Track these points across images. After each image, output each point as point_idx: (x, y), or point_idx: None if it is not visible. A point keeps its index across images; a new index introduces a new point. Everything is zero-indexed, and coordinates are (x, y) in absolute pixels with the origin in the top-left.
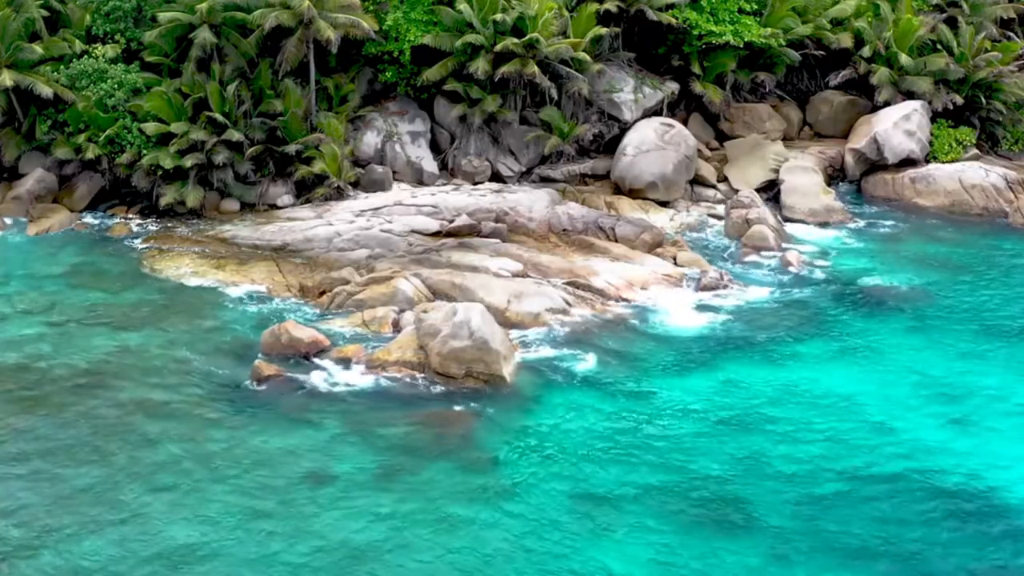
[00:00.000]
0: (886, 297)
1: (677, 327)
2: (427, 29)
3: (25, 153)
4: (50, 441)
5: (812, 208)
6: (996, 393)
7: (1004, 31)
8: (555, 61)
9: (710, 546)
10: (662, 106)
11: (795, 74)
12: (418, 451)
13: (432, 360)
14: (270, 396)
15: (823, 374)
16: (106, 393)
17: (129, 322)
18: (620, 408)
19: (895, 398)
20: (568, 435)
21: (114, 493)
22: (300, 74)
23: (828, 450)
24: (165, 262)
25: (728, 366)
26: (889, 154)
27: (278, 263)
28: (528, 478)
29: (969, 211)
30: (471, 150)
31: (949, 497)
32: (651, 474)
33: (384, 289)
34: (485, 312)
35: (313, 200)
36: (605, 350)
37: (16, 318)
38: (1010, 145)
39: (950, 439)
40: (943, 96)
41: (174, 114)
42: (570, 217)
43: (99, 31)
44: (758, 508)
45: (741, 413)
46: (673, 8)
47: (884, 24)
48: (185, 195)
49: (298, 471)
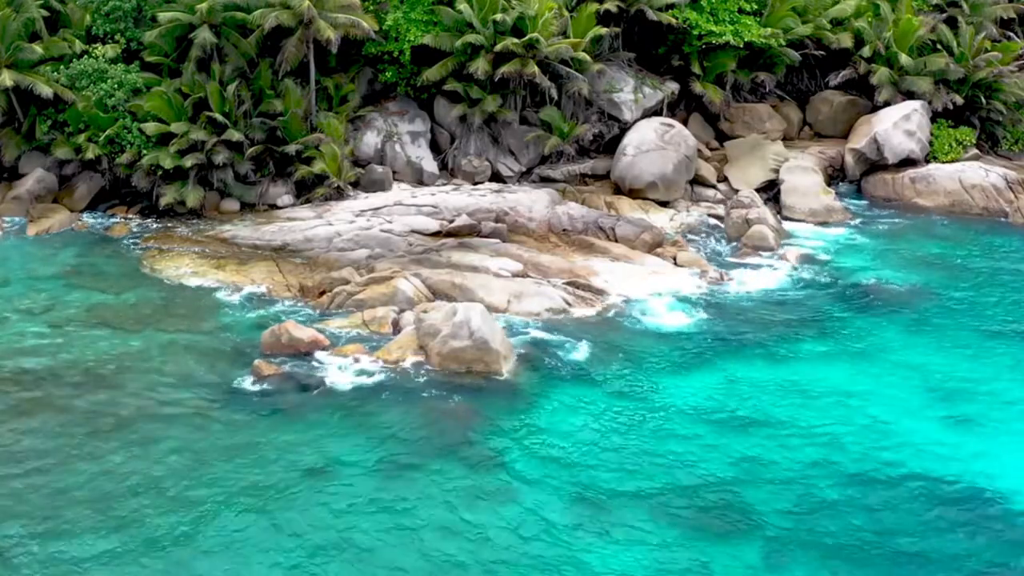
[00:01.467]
0: (886, 297)
1: (677, 327)
2: (427, 29)
3: (25, 153)
4: (50, 441)
5: (812, 208)
6: (997, 393)
7: (1004, 31)
8: (555, 61)
9: (709, 547)
10: (662, 106)
11: (795, 74)
12: (418, 451)
13: (432, 360)
14: (270, 396)
15: (823, 374)
16: (105, 393)
17: (129, 322)
18: (619, 408)
19: (894, 398)
20: (567, 435)
21: (113, 492)
22: (300, 74)
23: (827, 451)
24: (165, 262)
25: (728, 366)
26: (889, 154)
27: (278, 263)
28: (527, 478)
29: (969, 211)
30: (471, 150)
31: (949, 499)
32: (650, 474)
33: (384, 289)
34: (485, 312)
35: (313, 200)
36: (605, 350)
37: (16, 318)
38: (1010, 145)
39: (950, 440)
40: (943, 96)
41: (174, 114)
42: (570, 217)
43: (99, 31)
44: (757, 509)
45: (740, 413)
46: (673, 8)
47: (884, 24)
48: (185, 195)
49: (297, 471)
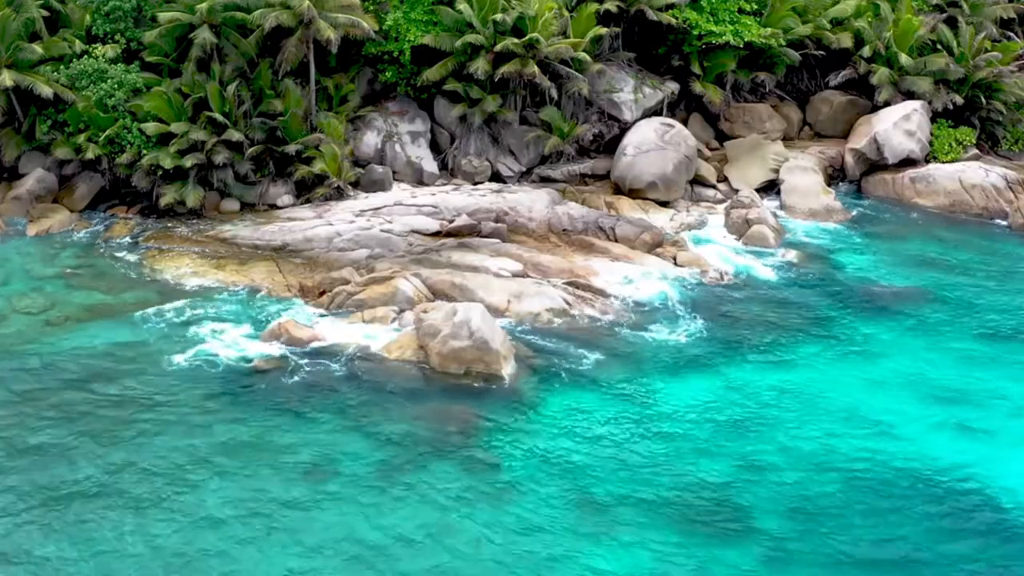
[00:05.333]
0: (886, 297)
1: (676, 327)
2: (427, 29)
3: (25, 153)
4: (49, 439)
5: (812, 208)
6: (996, 395)
7: (1004, 31)
8: (555, 61)
9: (708, 550)
10: (662, 106)
11: (795, 74)
12: (417, 451)
13: (432, 360)
14: (270, 396)
15: (821, 376)
16: (105, 392)
17: (128, 322)
18: (618, 409)
19: (895, 400)
20: (566, 435)
21: (112, 491)
22: (300, 74)
23: (826, 455)
24: (165, 262)
25: (727, 367)
26: (889, 154)
27: (278, 263)
28: (526, 479)
29: (969, 211)
30: (471, 150)
31: (948, 501)
32: (649, 476)
33: (384, 289)
34: (485, 312)
35: (313, 200)
36: (604, 350)
37: (16, 318)
38: (1010, 145)
39: (949, 442)
40: (943, 96)
41: (174, 114)
42: (570, 217)
43: (99, 31)
44: (756, 512)
45: (740, 415)
46: (673, 8)
47: (884, 24)
48: (185, 195)
49: (297, 471)
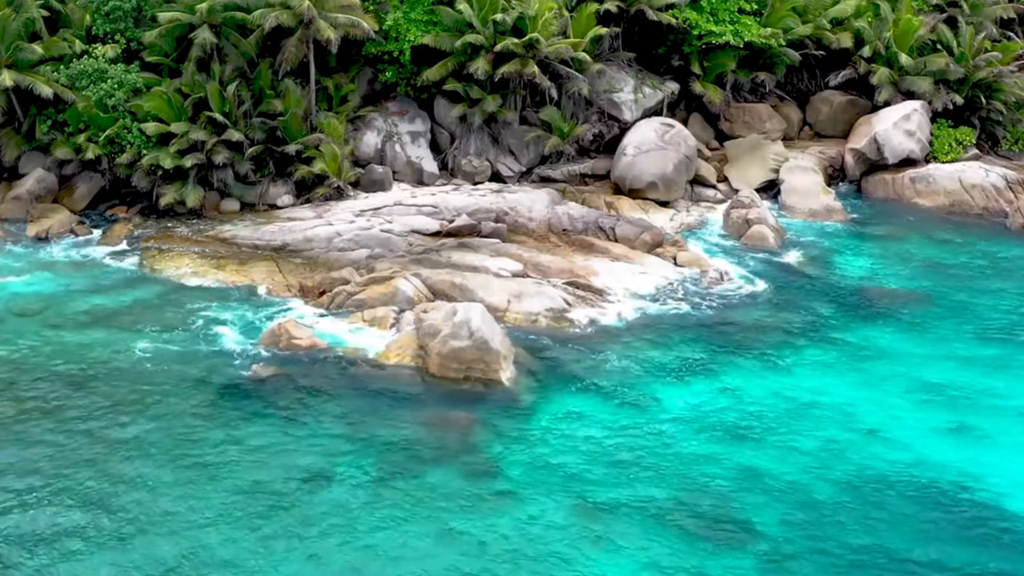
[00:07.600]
0: (885, 299)
1: (676, 327)
2: (427, 29)
3: (25, 153)
4: (47, 441)
5: (812, 208)
6: (995, 397)
7: (1004, 31)
8: (555, 61)
9: (707, 556)
10: (662, 106)
11: (795, 74)
12: (417, 453)
13: (432, 360)
14: (269, 396)
15: (821, 379)
16: (104, 393)
17: (128, 322)
18: (618, 412)
19: (894, 402)
20: (566, 439)
21: (110, 493)
22: (300, 74)
23: (825, 459)
24: (165, 262)
25: (726, 369)
26: (889, 154)
27: (278, 263)
28: (525, 482)
29: (969, 211)
30: (471, 150)
31: (948, 504)
32: (648, 480)
33: (384, 289)
34: (485, 312)
35: (313, 200)
36: (603, 351)
37: (14, 319)
38: (1010, 145)
39: (948, 445)
40: (943, 96)
41: (174, 114)
42: (570, 217)
43: (99, 31)
44: (755, 516)
45: (739, 418)
46: (673, 8)
47: (884, 24)
48: (185, 195)
49: (296, 472)
